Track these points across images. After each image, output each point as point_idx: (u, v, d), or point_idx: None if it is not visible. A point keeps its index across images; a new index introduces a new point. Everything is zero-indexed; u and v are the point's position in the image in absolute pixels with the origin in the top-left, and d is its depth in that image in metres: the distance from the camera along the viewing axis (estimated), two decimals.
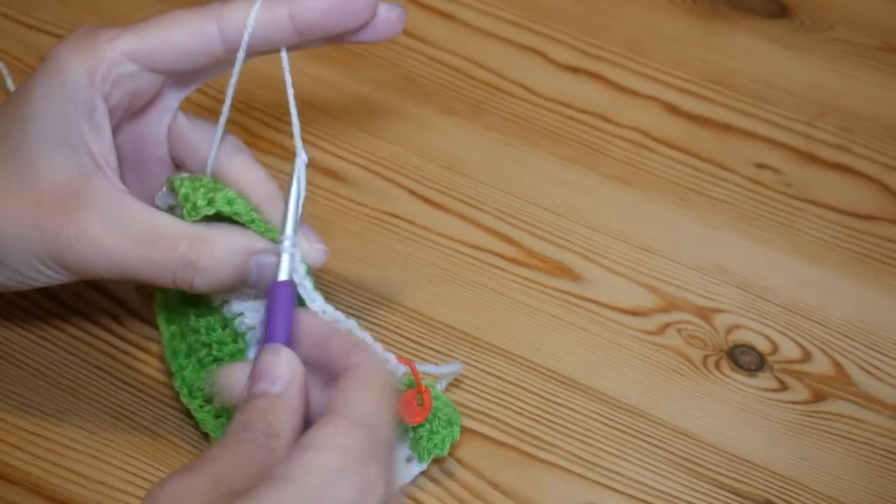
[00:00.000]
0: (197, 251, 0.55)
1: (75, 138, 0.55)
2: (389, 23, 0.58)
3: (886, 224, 0.72)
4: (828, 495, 0.62)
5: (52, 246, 0.55)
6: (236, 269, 0.56)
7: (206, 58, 0.57)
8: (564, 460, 0.62)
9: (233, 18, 0.56)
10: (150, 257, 0.55)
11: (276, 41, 0.57)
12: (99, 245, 0.55)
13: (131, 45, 0.56)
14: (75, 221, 0.55)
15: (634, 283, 0.69)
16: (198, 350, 0.61)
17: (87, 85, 0.55)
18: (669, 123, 0.76)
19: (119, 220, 0.55)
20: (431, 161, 0.73)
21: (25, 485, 0.60)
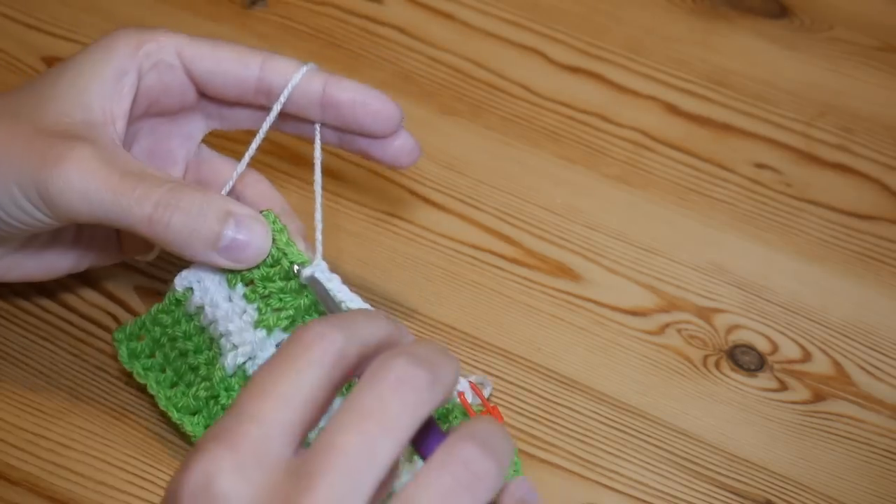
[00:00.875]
0: (181, 193, 0.55)
1: (97, 91, 0.57)
2: (403, 150, 0.61)
3: (886, 224, 0.72)
4: (828, 495, 0.62)
5: (36, 165, 0.55)
6: (215, 222, 0.55)
7: (238, 89, 0.60)
8: (564, 460, 0.62)
9: (276, 65, 0.60)
10: (132, 189, 0.55)
11: (301, 107, 0.60)
12: (85, 170, 0.55)
13: (182, 43, 0.59)
14: (67, 145, 0.55)
15: (634, 283, 0.69)
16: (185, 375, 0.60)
17: (131, 53, 0.58)
18: (669, 123, 0.76)
19: (111, 154, 0.56)
20: (431, 161, 0.73)
21: (25, 485, 0.60)
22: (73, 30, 0.78)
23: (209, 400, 0.59)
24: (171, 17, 0.78)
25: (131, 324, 0.61)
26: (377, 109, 0.60)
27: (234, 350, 0.58)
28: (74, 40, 0.77)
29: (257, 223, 0.56)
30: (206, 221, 0.55)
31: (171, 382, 0.60)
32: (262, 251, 0.57)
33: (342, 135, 0.61)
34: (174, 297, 0.60)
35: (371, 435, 0.45)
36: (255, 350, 0.58)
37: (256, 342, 0.58)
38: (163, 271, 0.67)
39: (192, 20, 0.78)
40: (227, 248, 0.56)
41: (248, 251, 0.56)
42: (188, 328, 0.60)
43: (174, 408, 0.59)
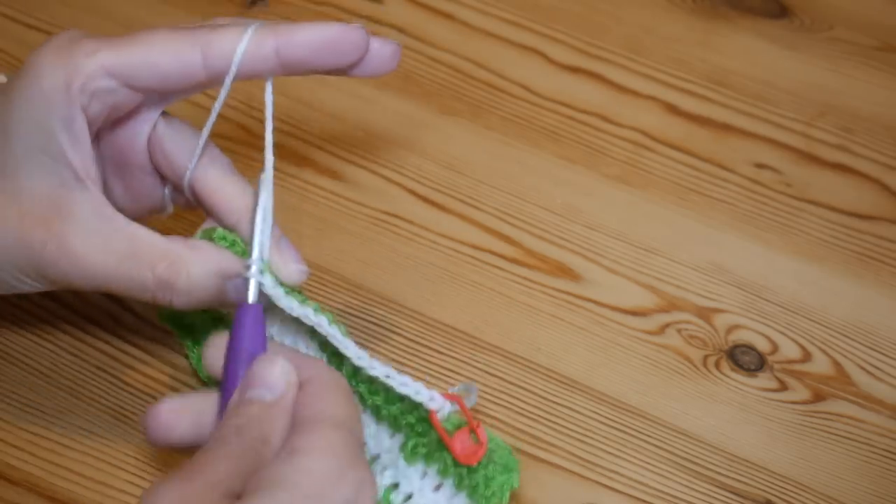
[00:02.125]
0: (174, 272, 0.55)
1: (55, 149, 0.55)
2: (382, 59, 0.57)
3: (886, 224, 0.72)
4: (828, 495, 0.62)
5: (34, 260, 0.55)
6: (213, 291, 0.56)
7: (186, 82, 0.56)
8: (564, 460, 0.62)
9: (218, 48, 0.55)
10: (128, 275, 0.55)
11: (260, 72, 0.56)
12: (79, 261, 0.55)
13: (111, 61, 0.55)
14: (56, 237, 0.55)
15: (634, 283, 0.69)
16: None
17: (66, 96, 0.54)
18: (669, 123, 0.76)
19: (99, 235, 0.55)
20: (431, 161, 0.73)
21: (25, 485, 0.60)
22: None
23: None
24: (171, 18, 0.78)
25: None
26: (340, 45, 0.55)
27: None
28: None
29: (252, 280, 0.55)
30: (205, 293, 0.56)
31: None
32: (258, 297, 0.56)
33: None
34: None
35: None
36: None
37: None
38: None
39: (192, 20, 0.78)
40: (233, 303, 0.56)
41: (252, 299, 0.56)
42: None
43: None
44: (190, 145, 0.58)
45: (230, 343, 0.54)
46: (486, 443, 0.54)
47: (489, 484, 0.54)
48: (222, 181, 0.58)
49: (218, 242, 0.57)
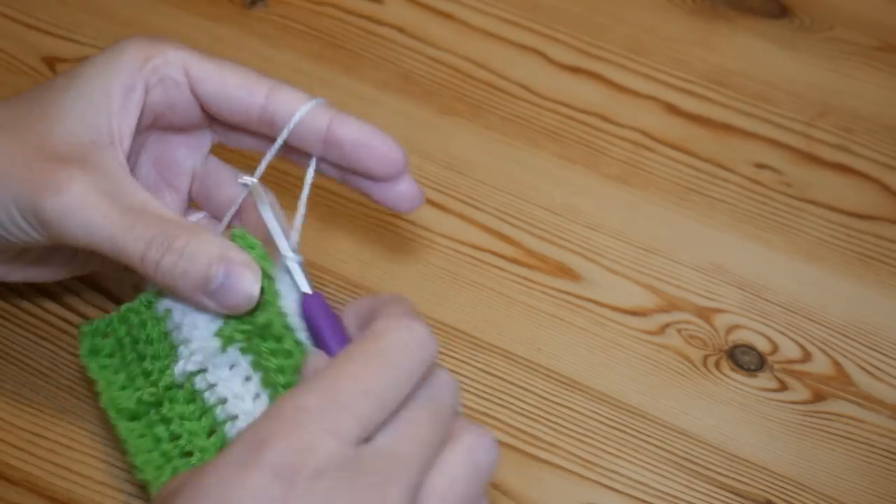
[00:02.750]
0: (178, 234, 0.54)
1: (104, 108, 0.56)
2: (405, 196, 0.59)
3: (886, 224, 0.72)
4: (828, 495, 0.62)
5: (36, 187, 0.54)
6: (205, 267, 0.54)
7: (241, 115, 0.58)
8: (564, 460, 0.63)
9: (282, 99, 0.58)
10: (130, 225, 0.54)
11: (303, 140, 0.58)
12: (83, 198, 0.54)
13: (190, 60, 0.58)
14: (68, 173, 0.54)
15: (634, 283, 0.69)
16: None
17: (138, 67, 0.57)
18: (669, 123, 0.76)
19: (113, 185, 0.55)
20: (431, 161, 0.73)
21: (25, 485, 0.60)
22: (73, 30, 0.78)
23: (150, 407, 0.57)
24: (171, 18, 0.78)
25: (99, 320, 0.59)
26: (381, 153, 0.58)
27: (189, 357, 0.56)
28: (74, 40, 0.77)
29: (248, 271, 0.54)
30: (196, 264, 0.54)
31: (121, 386, 0.58)
32: (251, 299, 0.55)
33: (344, 172, 0.60)
34: (147, 297, 0.58)
35: (439, 427, 0.49)
36: (208, 362, 0.56)
37: (210, 352, 0.56)
38: None
39: (192, 20, 0.78)
40: (216, 293, 0.55)
41: (236, 298, 0.54)
42: (152, 332, 0.58)
43: (114, 408, 0.57)
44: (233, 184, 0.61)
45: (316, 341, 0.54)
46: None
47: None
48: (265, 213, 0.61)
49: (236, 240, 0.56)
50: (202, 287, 0.54)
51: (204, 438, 0.55)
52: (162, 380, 0.56)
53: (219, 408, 0.56)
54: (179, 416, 0.56)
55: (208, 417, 0.56)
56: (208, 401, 0.56)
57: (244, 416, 0.55)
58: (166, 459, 0.55)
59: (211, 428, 0.55)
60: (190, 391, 0.56)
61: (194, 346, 0.56)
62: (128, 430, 0.56)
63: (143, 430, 0.56)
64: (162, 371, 0.57)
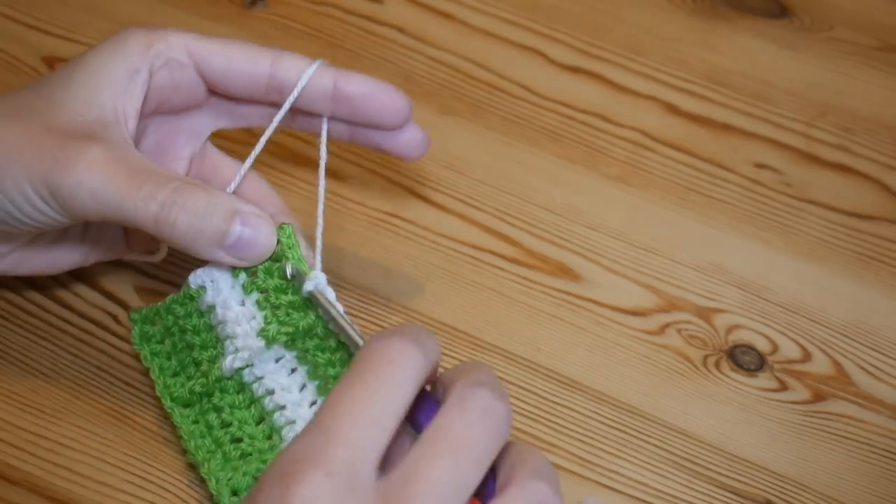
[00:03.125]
0: (188, 192, 0.55)
1: (109, 91, 0.57)
2: (412, 142, 0.62)
3: (886, 224, 0.72)
4: (828, 495, 0.62)
5: (48, 164, 0.55)
6: (221, 221, 0.56)
7: (249, 86, 0.60)
8: (564, 460, 0.62)
9: (287, 63, 0.60)
10: (140, 187, 0.55)
11: (312, 101, 0.61)
12: (93, 166, 0.55)
13: (192, 42, 0.59)
14: (77, 146, 0.55)
15: (634, 283, 0.69)
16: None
17: (142, 52, 0.58)
18: (669, 123, 0.76)
19: (121, 153, 0.56)
20: (431, 161, 0.73)
21: (25, 485, 0.60)
22: (73, 30, 0.78)
23: (202, 396, 0.60)
24: (170, 18, 0.78)
25: (148, 308, 0.62)
26: (387, 102, 0.60)
27: (235, 353, 0.58)
28: (74, 40, 0.77)
29: (262, 221, 0.57)
30: (211, 220, 0.56)
31: (174, 372, 0.61)
32: (267, 248, 0.57)
33: (352, 128, 0.62)
34: (188, 292, 0.60)
35: (462, 465, 0.46)
36: (254, 358, 0.58)
37: (255, 350, 0.58)
38: (163, 271, 0.67)
39: (192, 20, 0.78)
40: (233, 246, 0.57)
41: (253, 249, 0.57)
42: (198, 323, 0.60)
43: (168, 396, 0.60)
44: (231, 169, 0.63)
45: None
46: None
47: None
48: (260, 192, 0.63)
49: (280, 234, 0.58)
50: (219, 241, 0.56)
51: (253, 426, 0.59)
52: (212, 372, 0.59)
53: (267, 398, 0.59)
54: (230, 405, 0.59)
55: (257, 407, 0.59)
56: (256, 392, 0.59)
57: (291, 406, 0.58)
58: (217, 445, 0.59)
59: (260, 416, 0.59)
60: (238, 382, 0.59)
61: (239, 343, 0.59)
62: (182, 416, 0.60)
63: (196, 416, 0.60)
64: (211, 363, 0.60)
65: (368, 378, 0.47)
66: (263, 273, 0.58)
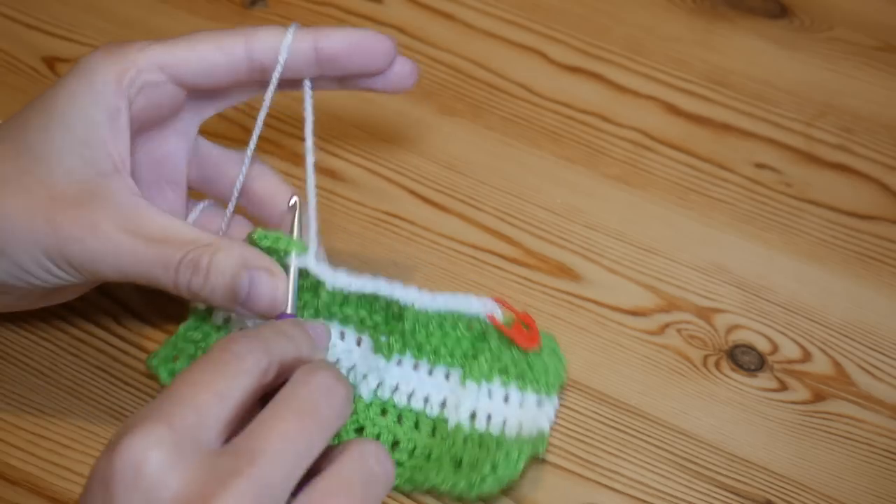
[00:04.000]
0: (200, 254, 0.56)
1: (96, 139, 0.56)
2: (402, 75, 0.62)
3: (886, 224, 0.72)
4: (828, 495, 0.62)
5: (62, 239, 0.55)
6: (230, 279, 0.56)
7: (230, 76, 0.59)
8: (564, 460, 0.62)
9: (262, 41, 0.59)
10: (156, 256, 0.55)
11: (297, 69, 0.60)
12: (108, 240, 0.55)
13: (161, 55, 0.58)
14: (87, 216, 0.55)
15: (634, 283, 0.69)
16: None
17: (115, 88, 0.57)
18: (669, 123, 0.76)
19: (131, 218, 0.56)
20: (431, 161, 0.73)
21: (25, 485, 0.60)
22: (73, 30, 0.78)
23: None
24: (170, 17, 0.78)
25: (164, 347, 0.62)
26: (371, 48, 0.60)
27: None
28: (74, 40, 0.77)
29: (267, 275, 0.56)
30: (222, 279, 0.56)
31: None
32: (274, 302, 0.57)
33: (341, 79, 0.62)
34: (198, 314, 0.61)
35: (308, 427, 0.47)
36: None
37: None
38: None
39: (191, 20, 0.78)
40: (246, 303, 0.56)
41: (261, 304, 0.57)
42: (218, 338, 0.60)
43: None
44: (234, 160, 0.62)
45: None
46: (537, 332, 0.60)
47: (548, 370, 0.61)
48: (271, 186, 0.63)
49: (260, 242, 0.58)
50: (233, 299, 0.56)
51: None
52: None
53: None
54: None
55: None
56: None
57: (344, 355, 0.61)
58: None
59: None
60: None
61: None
62: None
63: None
64: None
65: (215, 363, 0.48)
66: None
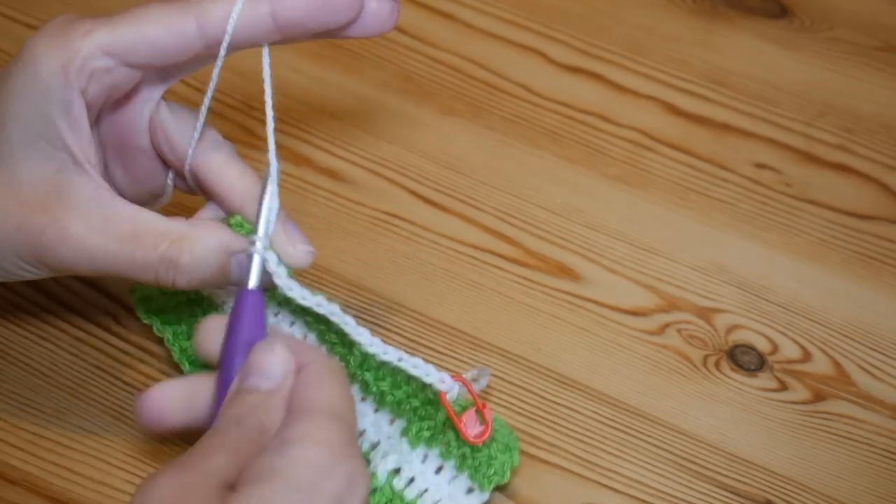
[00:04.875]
0: (177, 250, 0.55)
1: (53, 135, 0.55)
2: (380, 16, 0.56)
3: (886, 224, 0.72)
4: (828, 495, 0.62)
5: (34, 246, 0.55)
6: (216, 268, 0.55)
7: (183, 54, 0.56)
8: (564, 460, 0.62)
9: (213, 15, 0.55)
10: (131, 256, 0.55)
11: (257, 38, 0.56)
12: (80, 246, 0.55)
13: (106, 40, 0.54)
14: (56, 222, 0.54)
15: (634, 283, 0.69)
16: None
17: (62, 80, 0.54)
18: (669, 123, 0.76)
19: (100, 218, 0.55)
20: (431, 161, 0.73)
21: (25, 485, 0.60)
22: None
23: None
24: None
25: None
26: (334, 3, 0.55)
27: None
28: None
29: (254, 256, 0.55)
30: (209, 271, 0.55)
31: (187, 335, 0.61)
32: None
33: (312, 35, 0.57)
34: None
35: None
36: None
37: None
38: None
39: None
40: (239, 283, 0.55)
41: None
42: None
43: (187, 361, 0.61)
44: (191, 130, 0.58)
45: (229, 328, 0.54)
46: (491, 423, 0.56)
47: (491, 463, 0.56)
48: (225, 166, 0.58)
49: (235, 230, 0.57)
50: (224, 283, 0.56)
51: None
52: None
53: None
54: None
55: None
56: None
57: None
58: None
59: None
60: None
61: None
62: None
63: None
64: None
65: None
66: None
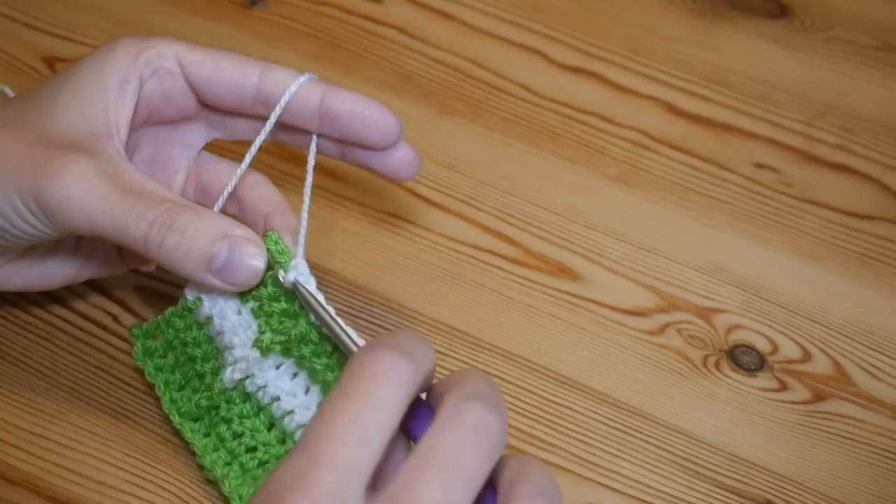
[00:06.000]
0: (179, 213, 0.55)
1: (100, 101, 0.57)
2: (403, 162, 0.61)
3: (886, 224, 0.72)
4: (828, 495, 0.62)
5: (37, 175, 0.54)
6: (207, 243, 0.55)
7: (236, 98, 0.59)
8: (564, 460, 0.63)
9: (275, 77, 0.59)
10: (131, 206, 0.54)
11: (300, 118, 0.59)
12: (83, 181, 0.54)
13: (182, 50, 0.59)
14: (68, 158, 0.54)
15: (634, 283, 0.69)
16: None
17: (131, 61, 0.58)
18: (669, 123, 0.76)
19: (113, 169, 0.55)
20: (431, 161, 0.73)
21: (25, 485, 0.60)
22: (73, 30, 0.78)
23: (210, 409, 0.59)
24: (170, 17, 0.78)
25: (148, 323, 0.61)
26: (376, 121, 0.59)
27: (234, 365, 0.58)
28: (74, 40, 0.77)
29: (252, 245, 0.56)
30: (199, 242, 0.55)
31: (179, 385, 0.60)
32: (255, 274, 0.56)
33: (343, 146, 0.61)
34: (185, 304, 0.60)
35: (452, 487, 0.45)
36: (253, 367, 0.57)
37: (252, 360, 0.57)
38: (163, 271, 0.67)
39: (191, 20, 0.78)
40: (220, 270, 0.56)
41: (241, 274, 0.56)
42: (198, 335, 0.60)
43: (177, 412, 0.60)
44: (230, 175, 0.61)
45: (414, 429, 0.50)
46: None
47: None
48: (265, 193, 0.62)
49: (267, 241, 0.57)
50: (206, 265, 0.55)
51: (265, 433, 0.58)
52: (214, 385, 0.58)
53: (274, 405, 0.58)
54: (238, 416, 0.59)
55: (266, 413, 0.58)
56: (262, 400, 0.58)
57: (299, 410, 0.57)
58: (233, 456, 0.58)
59: (270, 422, 0.58)
60: (243, 392, 0.58)
61: (237, 354, 0.58)
62: (192, 431, 0.59)
63: (207, 429, 0.59)
64: (213, 374, 0.59)
65: (355, 396, 0.46)
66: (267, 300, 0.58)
